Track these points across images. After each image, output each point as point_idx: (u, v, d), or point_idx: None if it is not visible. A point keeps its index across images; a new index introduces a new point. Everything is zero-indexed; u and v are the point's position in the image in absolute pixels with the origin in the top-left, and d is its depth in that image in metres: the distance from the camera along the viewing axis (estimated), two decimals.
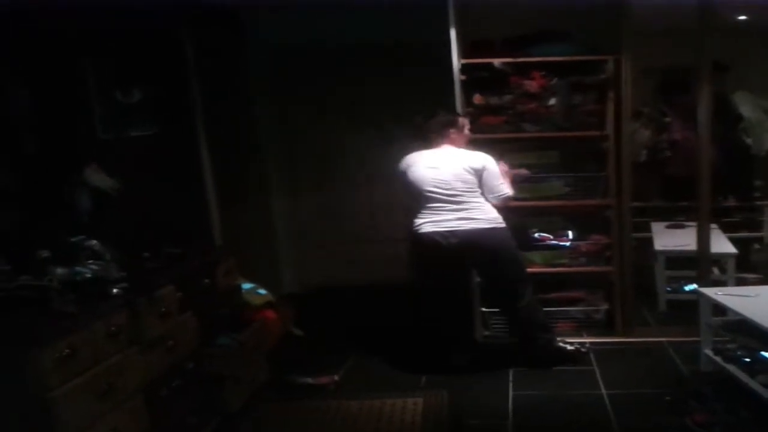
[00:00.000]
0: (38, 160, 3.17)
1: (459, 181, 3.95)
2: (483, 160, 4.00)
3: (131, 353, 2.78)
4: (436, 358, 4.17)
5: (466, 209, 3.94)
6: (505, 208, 4.08)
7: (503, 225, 4.01)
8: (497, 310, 4.48)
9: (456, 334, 4.26)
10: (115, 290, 2.77)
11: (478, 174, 3.98)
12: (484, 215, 3.96)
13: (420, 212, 4.03)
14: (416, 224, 4.02)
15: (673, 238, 4.85)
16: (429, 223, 3.98)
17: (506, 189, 4.05)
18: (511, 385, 3.92)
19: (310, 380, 4.03)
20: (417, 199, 4.03)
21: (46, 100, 3.25)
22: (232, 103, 5.18)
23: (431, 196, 3.97)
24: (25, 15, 3.12)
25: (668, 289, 5.00)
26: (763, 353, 3.56)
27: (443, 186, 3.95)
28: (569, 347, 4.24)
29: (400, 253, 5.90)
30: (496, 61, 4.35)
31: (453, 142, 4.07)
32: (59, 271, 2.71)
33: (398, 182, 4.16)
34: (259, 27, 5.37)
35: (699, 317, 3.94)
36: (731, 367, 3.63)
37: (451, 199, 3.94)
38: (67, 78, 3.46)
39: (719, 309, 3.83)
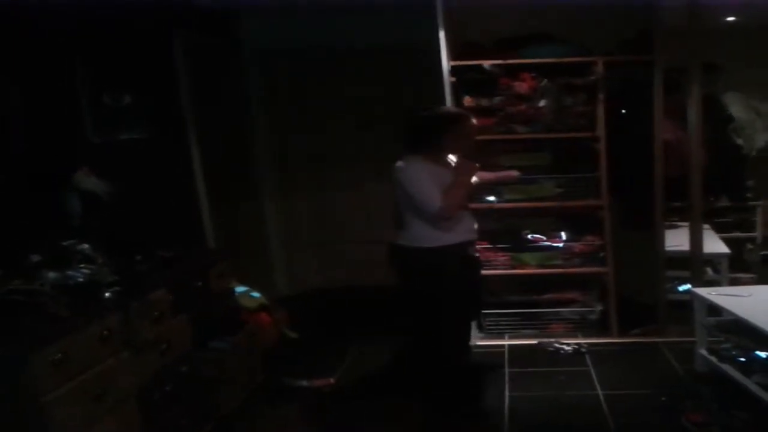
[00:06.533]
0: (29, 163, 3.15)
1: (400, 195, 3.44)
2: (401, 168, 3.37)
3: (124, 357, 2.77)
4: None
5: (401, 227, 3.48)
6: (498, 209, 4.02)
7: (422, 246, 3.38)
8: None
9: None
10: (107, 294, 2.76)
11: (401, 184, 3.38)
12: (406, 232, 3.45)
13: None
14: None
15: (666, 239, 4.84)
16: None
17: (431, 202, 3.27)
18: (507, 385, 3.92)
19: (305, 383, 4.02)
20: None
21: (36, 104, 3.23)
22: (224, 106, 5.18)
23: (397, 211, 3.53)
24: (15, 17, 3.10)
25: None
26: (757, 353, 3.57)
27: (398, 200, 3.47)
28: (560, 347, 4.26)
29: None
30: (486, 63, 4.35)
31: (447, 147, 3.49)
32: (51, 275, 2.71)
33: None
34: (251, 31, 5.38)
35: (693, 317, 3.95)
36: (726, 367, 3.64)
37: (400, 215, 3.49)
38: (57, 81, 3.44)
39: (713, 309, 3.82)
